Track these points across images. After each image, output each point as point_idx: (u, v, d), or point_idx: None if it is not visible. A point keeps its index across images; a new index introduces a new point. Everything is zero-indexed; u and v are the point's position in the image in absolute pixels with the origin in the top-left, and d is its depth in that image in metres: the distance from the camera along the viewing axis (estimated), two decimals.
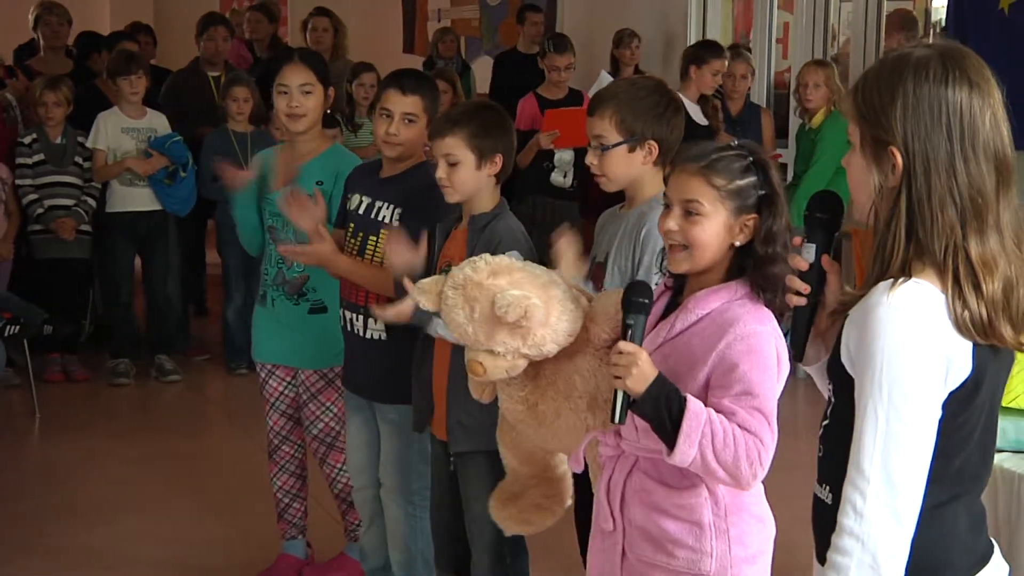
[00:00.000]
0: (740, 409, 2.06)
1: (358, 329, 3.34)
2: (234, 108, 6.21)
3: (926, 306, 1.67)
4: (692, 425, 2.03)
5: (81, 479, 4.91)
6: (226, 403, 6.17)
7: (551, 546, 3.43)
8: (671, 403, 2.04)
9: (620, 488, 2.25)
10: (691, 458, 2.04)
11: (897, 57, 1.73)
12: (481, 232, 2.97)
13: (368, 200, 3.33)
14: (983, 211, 1.68)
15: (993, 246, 1.68)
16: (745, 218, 2.13)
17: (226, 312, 6.43)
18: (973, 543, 1.79)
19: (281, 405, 3.82)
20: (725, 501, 2.18)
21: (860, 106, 1.74)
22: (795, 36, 7.08)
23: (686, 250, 2.15)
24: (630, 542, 2.25)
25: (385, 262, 3.14)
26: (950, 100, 1.67)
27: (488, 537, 3.02)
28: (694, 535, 2.18)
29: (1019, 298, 1.70)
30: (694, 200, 2.13)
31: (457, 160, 2.94)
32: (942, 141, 1.67)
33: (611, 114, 2.79)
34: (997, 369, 1.76)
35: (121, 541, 4.28)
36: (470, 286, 2.29)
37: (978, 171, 1.68)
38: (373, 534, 3.56)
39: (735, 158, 2.15)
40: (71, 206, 6.05)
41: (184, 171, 6.13)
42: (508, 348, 2.27)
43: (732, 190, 2.13)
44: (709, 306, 2.14)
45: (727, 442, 2.04)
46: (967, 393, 1.71)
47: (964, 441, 1.74)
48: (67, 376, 6.24)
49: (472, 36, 9.77)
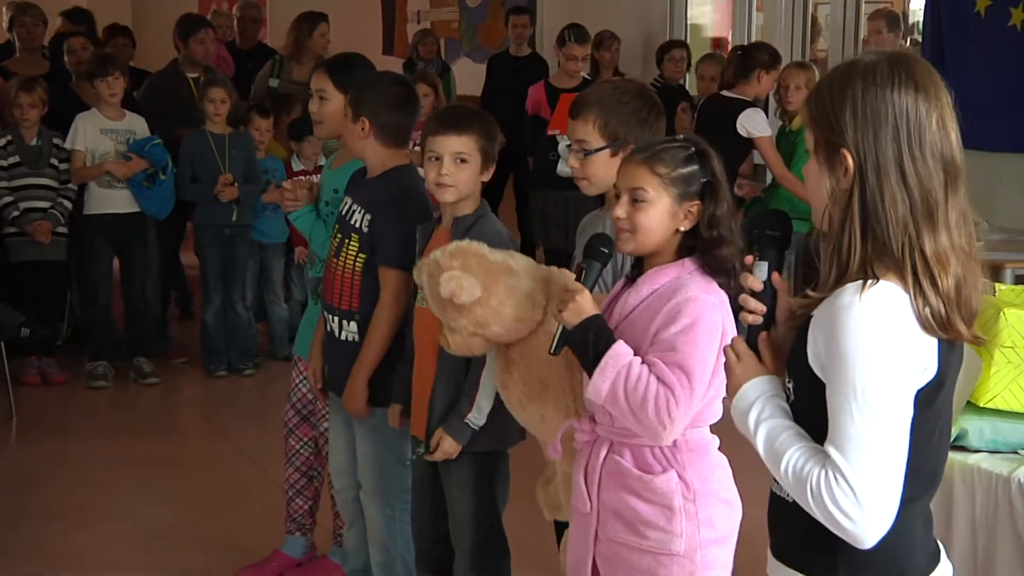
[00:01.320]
0: (660, 361, 2.20)
1: (334, 330, 3.34)
2: (211, 109, 6.18)
3: (896, 307, 1.70)
4: (610, 363, 2.20)
5: (58, 482, 4.88)
6: (205, 406, 6.14)
7: (532, 546, 3.43)
8: (599, 340, 2.23)
9: (597, 472, 2.37)
10: (603, 393, 2.21)
11: (848, 64, 1.79)
12: (465, 233, 2.96)
13: (350, 202, 3.34)
14: (934, 210, 1.72)
15: (944, 243, 1.72)
16: (688, 204, 2.30)
17: (204, 314, 6.40)
18: (927, 542, 1.84)
19: (294, 397, 3.86)
20: (695, 485, 2.30)
21: (813, 112, 1.79)
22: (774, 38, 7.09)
23: (632, 233, 2.31)
24: (603, 523, 2.37)
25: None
26: (896, 103, 1.72)
27: (470, 537, 3.02)
28: (665, 517, 2.29)
29: (967, 295, 1.74)
30: (639, 188, 2.30)
31: (467, 160, 2.96)
32: (890, 143, 1.72)
33: (594, 118, 2.80)
34: (954, 366, 1.79)
35: (98, 544, 4.26)
36: (432, 266, 2.61)
37: (926, 171, 1.72)
38: (354, 535, 3.55)
39: (678, 148, 2.33)
40: (47, 208, 6.01)
41: (163, 174, 6.10)
42: (457, 325, 2.56)
43: (675, 177, 2.29)
44: (659, 282, 2.30)
45: (638, 386, 2.18)
46: (932, 391, 1.75)
47: (926, 439, 1.77)
48: (44, 379, 6.20)
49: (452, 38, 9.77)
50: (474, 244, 2.61)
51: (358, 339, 3.28)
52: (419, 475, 3.16)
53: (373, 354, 3.23)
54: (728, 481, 2.37)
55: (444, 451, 2.96)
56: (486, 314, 2.51)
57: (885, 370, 1.68)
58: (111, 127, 6.08)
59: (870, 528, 1.68)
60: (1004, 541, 2.91)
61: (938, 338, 1.72)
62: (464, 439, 2.95)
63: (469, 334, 2.56)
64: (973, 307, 1.76)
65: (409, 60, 8.43)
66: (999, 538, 2.91)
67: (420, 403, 3.06)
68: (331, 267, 3.34)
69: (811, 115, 1.80)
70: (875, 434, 1.67)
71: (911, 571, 1.79)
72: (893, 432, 1.69)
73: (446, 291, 2.50)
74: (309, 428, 3.87)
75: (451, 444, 2.95)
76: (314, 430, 3.88)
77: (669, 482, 2.29)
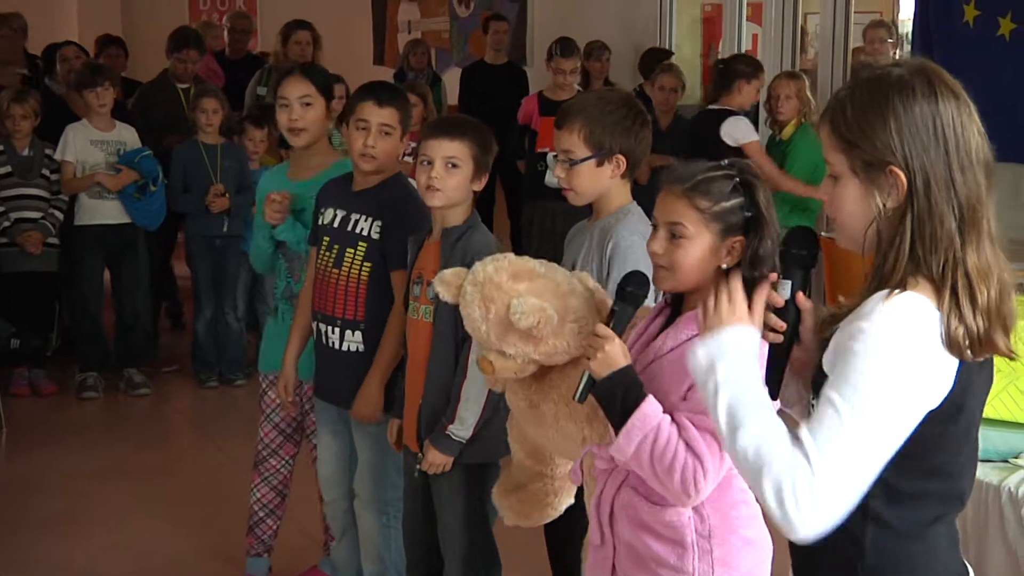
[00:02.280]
0: (691, 425, 2.04)
1: (333, 342, 3.32)
2: (203, 120, 6.18)
3: (920, 319, 1.65)
4: (637, 424, 2.03)
5: (48, 493, 4.86)
6: (196, 416, 6.13)
7: (523, 557, 3.43)
8: (628, 396, 2.05)
9: (609, 503, 2.24)
10: (628, 455, 2.06)
11: (874, 79, 1.72)
12: (455, 245, 2.97)
13: (343, 213, 3.32)
14: (979, 220, 1.69)
15: (988, 253, 1.69)
16: (732, 240, 2.11)
17: (196, 325, 6.39)
18: (952, 562, 1.79)
19: (276, 417, 3.77)
20: (710, 522, 2.15)
21: (844, 133, 1.72)
22: (764, 48, 7.12)
23: (669, 270, 2.14)
24: (620, 558, 2.24)
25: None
26: (942, 114, 1.69)
27: (461, 547, 3.02)
28: (676, 554, 2.15)
29: (1010, 304, 1.71)
30: (678, 223, 2.11)
31: (458, 165, 2.95)
32: (940, 155, 1.68)
33: (579, 128, 2.80)
34: (982, 386, 1.75)
35: (88, 555, 4.25)
36: (489, 286, 2.30)
37: (973, 180, 1.69)
38: (344, 547, 3.54)
39: (722, 179, 2.12)
40: (38, 219, 5.99)
41: (154, 185, 6.09)
42: (519, 352, 2.29)
43: (716, 212, 2.10)
44: (698, 326, 2.10)
45: (666, 453, 2.03)
46: (952, 410, 1.69)
47: (952, 459, 1.73)
48: (34, 390, 6.18)
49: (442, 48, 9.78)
50: (529, 261, 2.36)
51: (363, 348, 3.27)
52: (410, 484, 3.16)
53: (389, 358, 3.21)
54: (753, 518, 2.18)
55: (432, 464, 2.96)
56: (557, 344, 2.27)
57: (890, 378, 1.62)
58: (101, 138, 6.07)
59: (809, 522, 1.59)
60: (994, 550, 2.92)
61: (961, 359, 1.66)
62: (453, 451, 2.94)
63: (527, 362, 2.30)
64: (1014, 315, 1.72)
65: (400, 70, 8.44)
66: (989, 547, 2.92)
67: (411, 415, 3.06)
68: (328, 278, 3.32)
69: (841, 137, 1.72)
70: (854, 435, 1.60)
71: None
72: (873, 441, 1.62)
73: (527, 323, 2.21)
74: (292, 447, 3.82)
75: (438, 457, 2.95)
76: (297, 448, 3.82)
77: (681, 516, 2.14)
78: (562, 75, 6.63)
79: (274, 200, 3.57)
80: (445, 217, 3.01)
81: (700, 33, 8.64)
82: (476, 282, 2.32)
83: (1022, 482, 2.93)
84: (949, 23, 5.90)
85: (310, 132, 3.54)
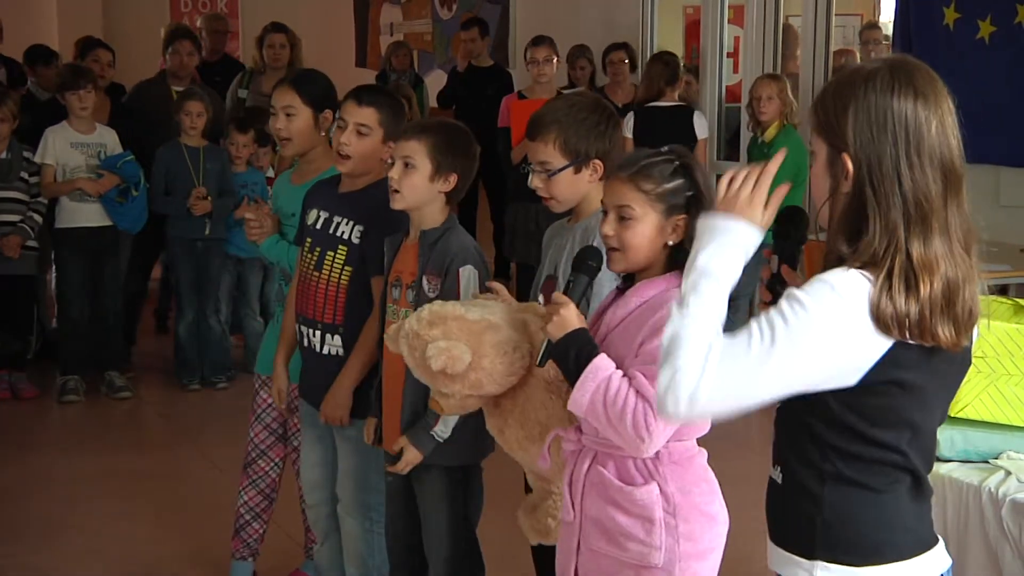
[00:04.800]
0: (640, 374, 2.18)
1: (315, 344, 3.31)
2: (187, 122, 6.17)
3: (849, 287, 1.73)
4: (590, 375, 2.20)
5: (28, 499, 4.83)
6: (178, 419, 6.10)
7: (507, 560, 3.43)
8: (581, 354, 2.22)
9: (581, 481, 2.37)
10: (583, 406, 2.21)
11: (852, 70, 1.82)
12: (432, 247, 2.96)
13: (326, 215, 3.31)
14: (928, 216, 1.74)
15: (937, 249, 1.74)
16: (676, 218, 2.30)
17: (178, 327, 6.37)
18: (916, 527, 1.86)
19: (267, 417, 3.77)
20: (676, 499, 2.28)
21: (820, 118, 1.83)
22: (746, 50, 7.14)
23: (621, 251, 2.31)
24: (585, 533, 2.36)
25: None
26: (895, 108, 1.75)
27: (444, 550, 3.02)
28: (644, 529, 2.28)
29: (964, 299, 1.75)
30: (625, 205, 2.30)
31: (414, 165, 2.94)
32: (887, 147, 1.75)
33: (553, 138, 2.80)
34: (937, 371, 1.80)
35: (68, 561, 4.22)
36: (411, 336, 2.51)
37: (923, 177, 1.75)
38: (327, 552, 3.53)
39: (663, 163, 2.31)
40: (17, 222, 5.96)
41: (136, 190, 6.07)
42: (451, 390, 2.49)
43: (660, 193, 2.29)
44: (646, 295, 2.29)
45: (616, 399, 2.17)
46: (887, 386, 1.75)
47: (897, 437, 1.80)
48: (15, 394, 6.15)
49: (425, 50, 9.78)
50: (447, 306, 2.53)
51: (343, 352, 3.26)
52: (391, 486, 3.15)
53: (361, 363, 3.21)
54: (712, 495, 2.35)
55: (407, 460, 2.95)
56: (479, 377, 2.45)
57: (805, 327, 1.70)
58: (81, 140, 6.04)
59: (677, 416, 1.73)
60: (975, 550, 2.93)
61: (890, 337, 1.72)
62: (427, 449, 2.94)
63: (463, 397, 2.50)
64: (973, 314, 1.77)
65: (382, 72, 8.44)
66: (970, 547, 2.93)
67: (390, 418, 3.05)
68: (310, 281, 3.31)
69: (817, 121, 1.83)
70: (754, 365, 1.70)
71: (890, 551, 1.82)
72: (769, 377, 1.71)
73: (438, 365, 2.43)
74: (282, 448, 3.81)
75: (414, 454, 2.94)
76: (286, 449, 3.82)
77: (650, 494, 2.28)
78: (536, 65, 6.61)
79: (249, 219, 3.56)
80: (421, 219, 3.00)
81: (682, 35, 8.66)
82: (404, 335, 2.53)
83: (1002, 482, 2.94)
84: (930, 26, 5.94)
85: (295, 142, 3.53)
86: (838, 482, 1.81)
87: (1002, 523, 2.89)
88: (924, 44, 5.88)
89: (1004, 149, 5.55)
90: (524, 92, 6.74)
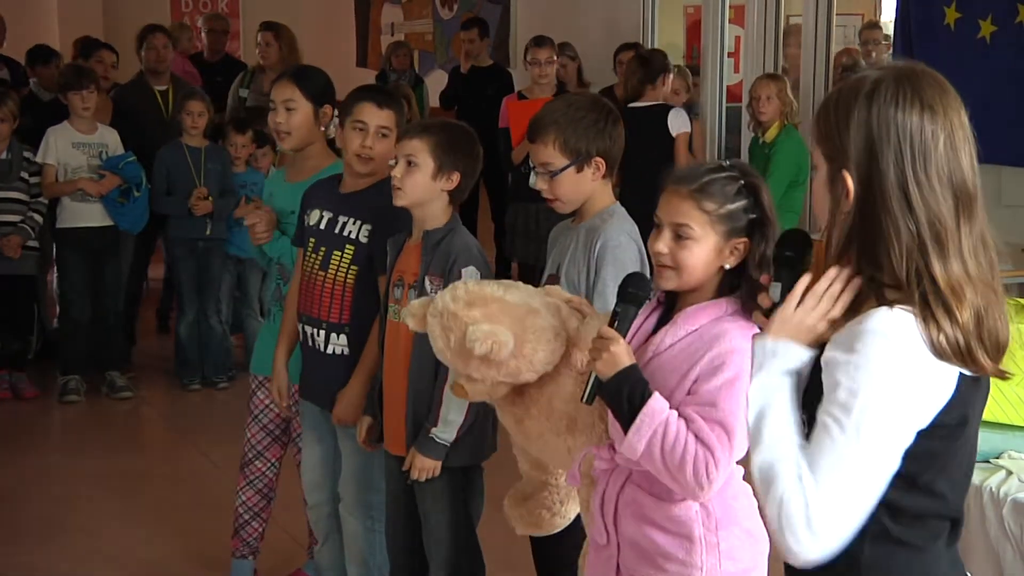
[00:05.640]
0: (700, 418, 2.05)
1: (319, 344, 3.31)
2: (188, 122, 6.17)
3: (903, 330, 1.63)
4: (646, 420, 2.04)
5: (28, 498, 4.83)
6: (179, 420, 6.10)
7: (508, 562, 3.42)
8: (635, 394, 2.05)
9: (613, 502, 2.24)
10: (639, 452, 2.06)
11: (855, 79, 1.71)
12: (435, 248, 2.96)
13: (330, 215, 3.31)
14: (943, 237, 1.64)
15: (956, 272, 1.64)
16: (735, 241, 2.13)
17: (178, 327, 6.38)
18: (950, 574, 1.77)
19: (264, 418, 3.76)
20: (716, 515, 2.17)
21: (821, 130, 1.72)
22: (747, 50, 7.14)
23: (674, 270, 2.15)
24: (624, 556, 2.24)
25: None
26: (900, 122, 1.64)
27: (445, 552, 3.02)
28: (684, 548, 2.17)
29: (990, 327, 1.66)
30: (684, 224, 2.12)
31: (417, 163, 2.94)
32: (892, 166, 1.64)
33: (553, 139, 2.80)
34: (980, 405, 1.72)
35: (67, 561, 4.22)
36: (447, 316, 2.33)
37: (933, 197, 1.64)
38: (328, 551, 3.53)
39: (726, 180, 2.14)
40: (17, 222, 5.96)
41: (137, 191, 6.07)
42: (484, 376, 2.32)
43: (723, 214, 2.12)
44: (697, 322, 2.13)
45: (676, 446, 2.04)
46: (956, 423, 1.67)
47: (951, 477, 1.71)
48: (15, 393, 6.15)
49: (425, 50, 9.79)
50: (485, 285, 2.38)
51: (348, 352, 3.26)
52: (393, 487, 3.15)
53: (372, 363, 3.20)
54: (752, 510, 2.19)
55: (422, 470, 2.95)
56: (519, 365, 2.29)
57: (884, 397, 1.61)
58: (83, 140, 6.04)
59: (808, 551, 1.64)
60: (976, 550, 2.92)
61: (957, 367, 1.63)
62: (439, 455, 2.94)
63: (495, 383, 2.34)
64: (1000, 339, 1.66)
65: (382, 72, 8.44)
66: (971, 547, 2.93)
67: (392, 419, 3.05)
68: (314, 280, 3.30)
69: (819, 132, 1.72)
70: (852, 463, 1.61)
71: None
72: (871, 465, 1.62)
73: (482, 350, 2.25)
74: (279, 449, 3.81)
75: (426, 462, 2.94)
76: (283, 450, 3.82)
77: (689, 510, 2.16)
78: (537, 66, 6.61)
79: (254, 223, 3.57)
80: (424, 219, 3.00)
81: (684, 35, 8.66)
82: (436, 312, 2.36)
83: (1003, 482, 2.93)
84: (930, 25, 5.93)
85: (295, 136, 3.53)
86: (882, 541, 1.68)
87: (1003, 523, 2.89)
88: (925, 44, 5.88)
89: (1006, 149, 5.54)
90: (524, 92, 6.74)
